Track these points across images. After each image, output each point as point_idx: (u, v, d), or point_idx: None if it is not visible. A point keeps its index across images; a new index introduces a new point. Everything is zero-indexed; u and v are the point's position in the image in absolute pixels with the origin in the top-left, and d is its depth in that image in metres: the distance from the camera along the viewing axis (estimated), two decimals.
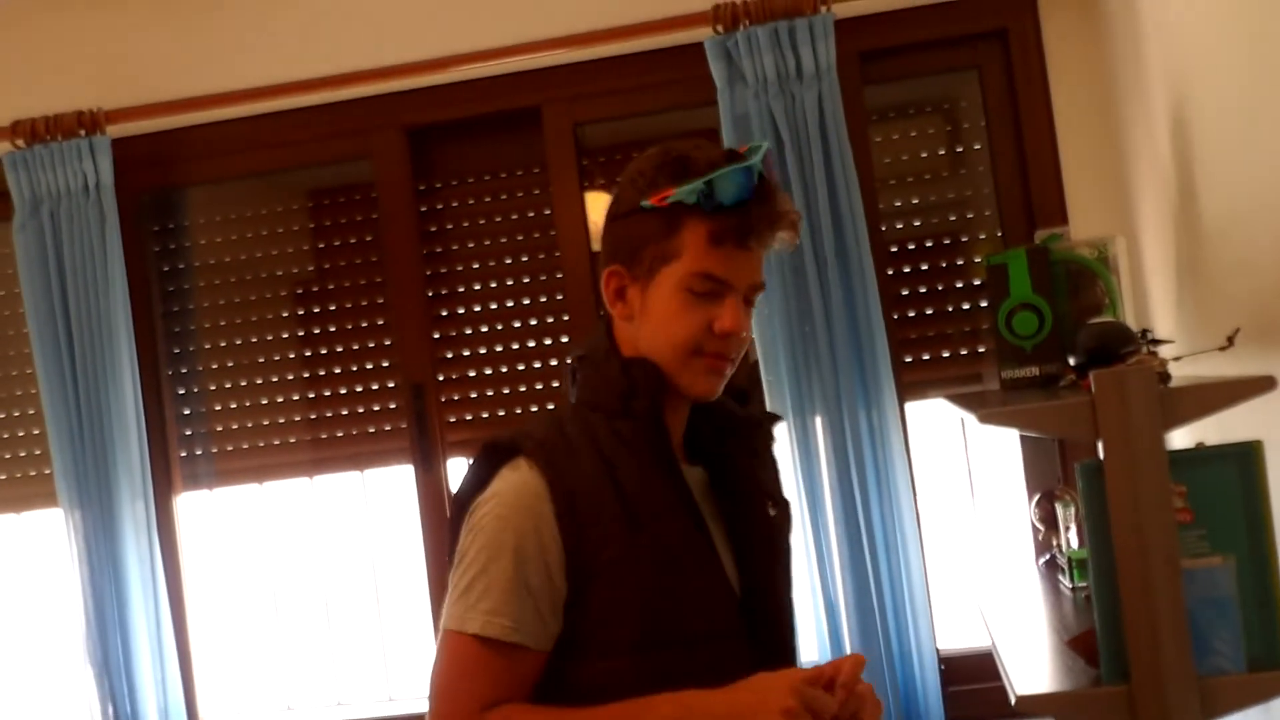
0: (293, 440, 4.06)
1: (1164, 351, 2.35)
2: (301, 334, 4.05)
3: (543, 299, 3.91)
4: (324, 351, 4.03)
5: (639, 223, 1.90)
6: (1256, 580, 1.87)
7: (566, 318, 3.86)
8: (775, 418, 2.12)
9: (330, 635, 4.17)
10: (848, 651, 3.54)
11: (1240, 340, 2.70)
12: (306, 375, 4.04)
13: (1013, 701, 1.90)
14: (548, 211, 3.90)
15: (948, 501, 3.84)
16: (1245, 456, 1.88)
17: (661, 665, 1.81)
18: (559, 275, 3.88)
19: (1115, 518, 1.85)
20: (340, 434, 4.02)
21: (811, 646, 3.58)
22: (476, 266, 3.96)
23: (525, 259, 3.93)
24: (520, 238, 3.94)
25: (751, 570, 1.94)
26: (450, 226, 3.98)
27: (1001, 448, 3.72)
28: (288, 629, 4.18)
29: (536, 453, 1.86)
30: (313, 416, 4.04)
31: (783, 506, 2.04)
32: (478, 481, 1.89)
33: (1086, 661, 1.98)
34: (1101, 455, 1.84)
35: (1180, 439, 2.73)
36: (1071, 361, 2.42)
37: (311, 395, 4.04)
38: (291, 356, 4.06)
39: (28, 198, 3.88)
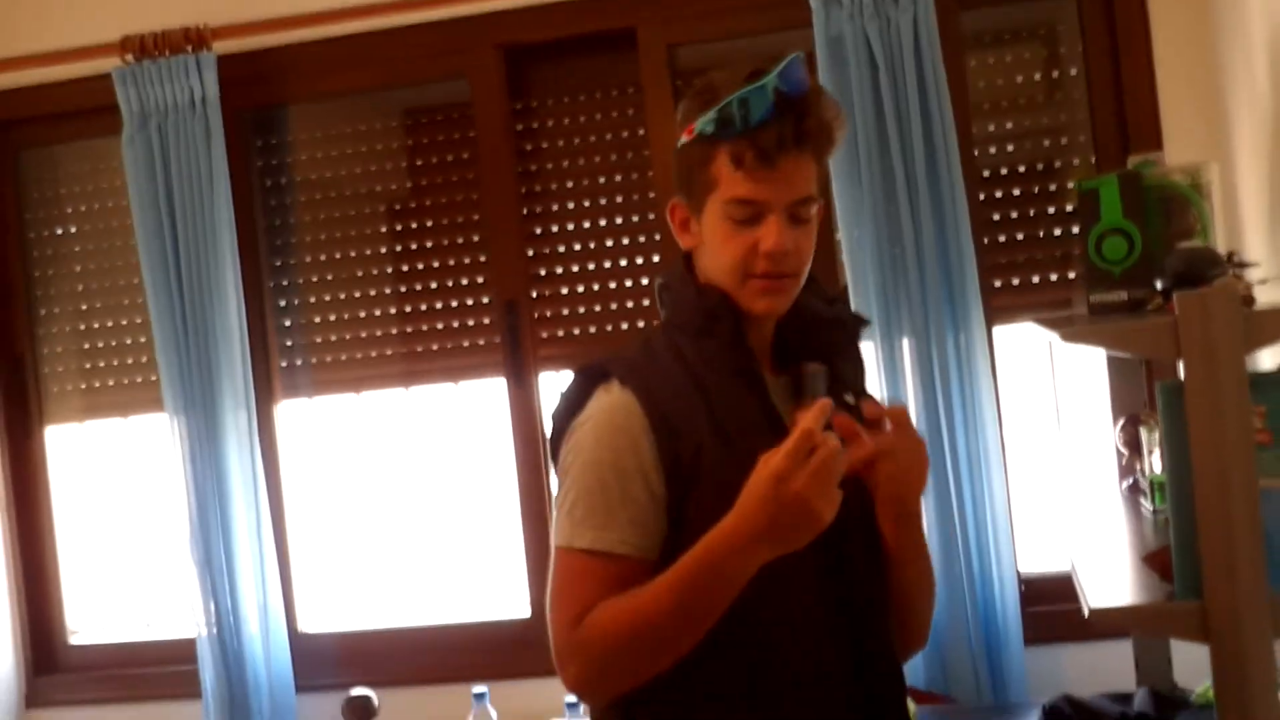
0: (389, 352, 4.16)
1: (1252, 275, 2.36)
2: (399, 249, 4.14)
3: (635, 219, 3.96)
4: (420, 267, 4.12)
5: (685, 155, 1.96)
6: None
7: (658, 237, 3.91)
8: (860, 318, 2.14)
9: (422, 544, 4.28)
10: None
11: None
12: (404, 290, 4.14)
13: (1086, 613, 1.95)
14: (641, 132, 3.94)
15: (1034, 426, 3.86)
16: None
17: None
18: (651, 195, 3.92)
19: (1194, 436, 1.88)
20: (435, 347, 4.12)
21: None
22: (570, 185, 4.02)
23: (619, 179, 3.98)
24: (614, 158, 3.98)
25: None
26: (545, 145, 4.04)
27: (1088, 372, 3.72)
28: (381, 537, 4.31)
29: (627, 374, 1.93)
30: (409, 330, 4.14)
31: (867, 400, 2.06)
32: (573, 404, 1.96)
33: (1161, 577, 2.02)
34: (1182, 376, 1.87)
35: (1268, 362, 2.74)
36: (1159, 285, 2.43)
37: (408, 309, 4.13)
38: (389, 271, 4.15)
39: (136, 112, 3.99)
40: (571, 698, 3.38)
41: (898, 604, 2.02)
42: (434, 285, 4.12)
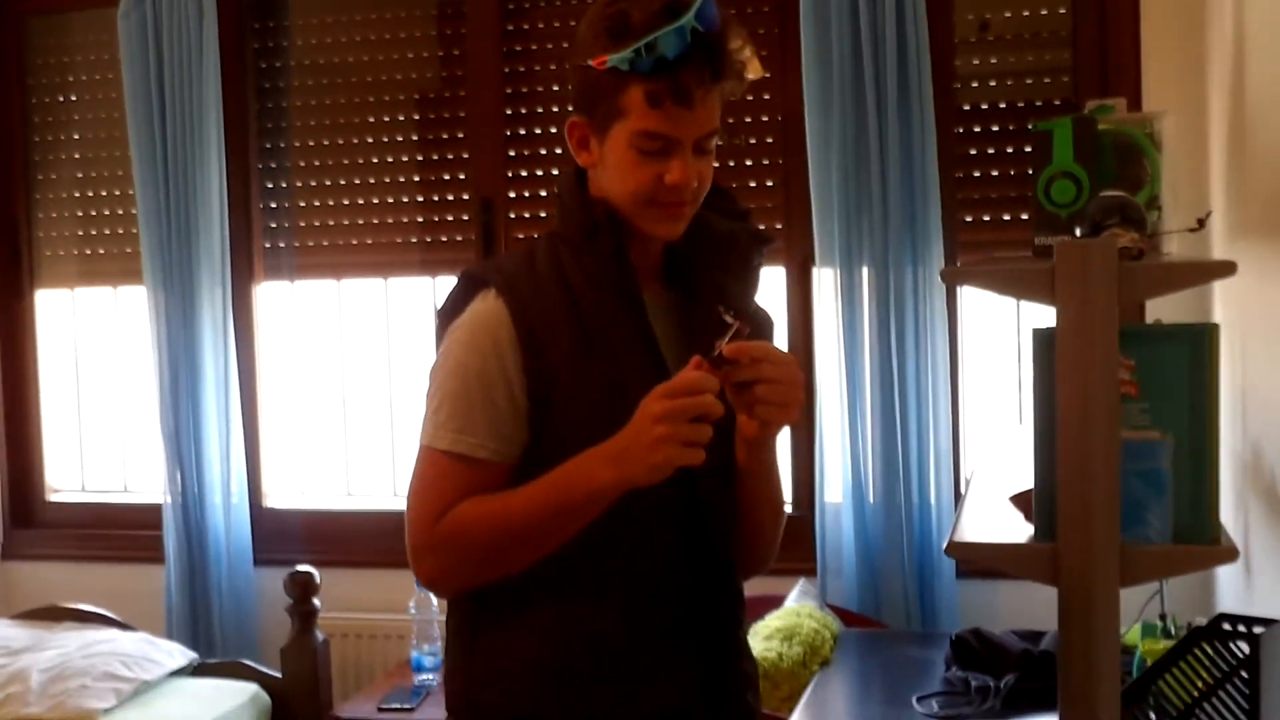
0: (369, 241, 4.21)
1: (1167, 227, 2.37)
2: (385, 140, 4.17)
3: None
4: (404, 159, 4.16)
5: (591, 79, 1.93)
6: (1194, 460, 1.91)
7: None
8: (759, 237, 2.15)
9: (385, 431, 4.36)
10: (870, 498, 3.65)
11: (1260, 226, 2.69)
12: (386, 180, 4.18)
13: (943, 547, 1.99)
14: None
15: (993, 363, 3.88)
16: (1199, 337, 1.91)
17: None
18: None
19: (1061, 382, 1.90)
20: (414, 240, 4.17)
21: (836, 491, 3.69)
22: (556, 89, 4.03)
23: None
24: None
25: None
26: (534, 47, 4.05)
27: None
28: (348, 421, 4.39)
29: (502, 283, 1.95)
30: (389, 221, 4.18)
31: (750, 317, 2.06)
32: (452, 308, 1.99)
33: (1025, 518, 2.05)
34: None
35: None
36: (1077, 232, 2.45)
37: (390, 200, 4.18)
38: (374, 161, 4.19)
39: None
40: None
41: (743, 519, 2.06)
42: (417, 178, 4.16)
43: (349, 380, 4.39)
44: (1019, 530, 2.06)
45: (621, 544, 1.94)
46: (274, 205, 4.29)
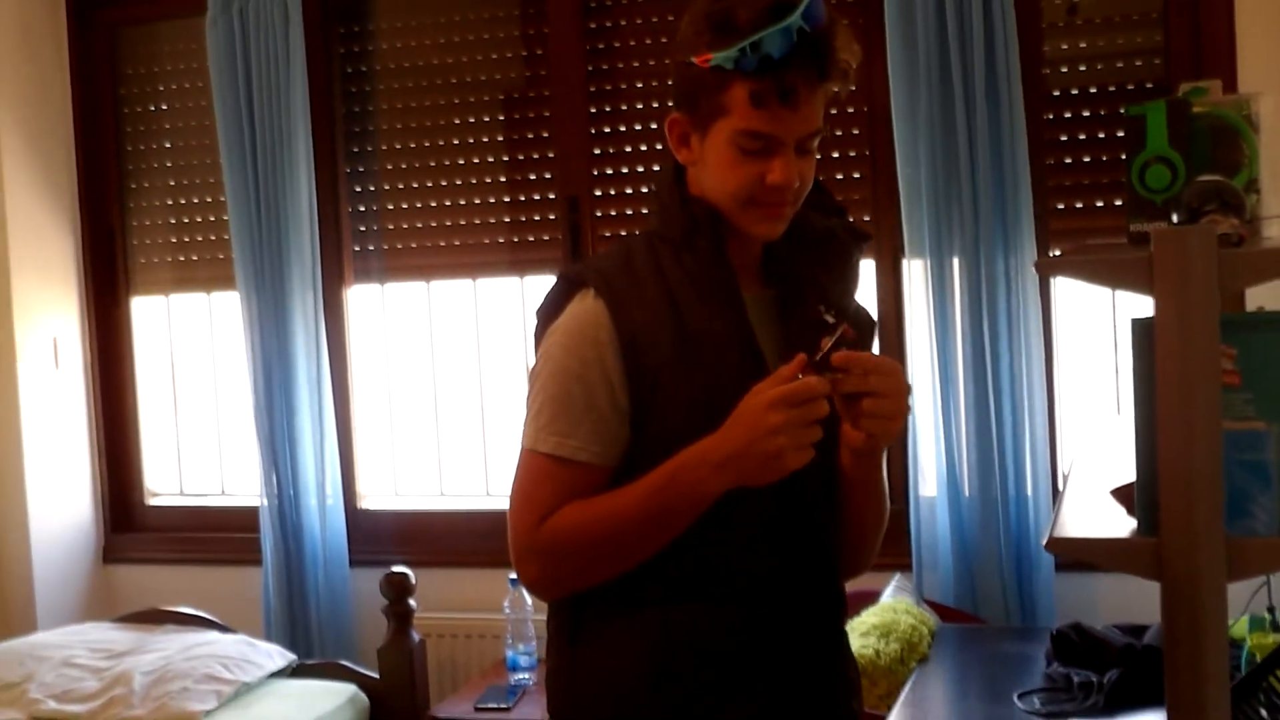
0: (457, 243, 4.23)
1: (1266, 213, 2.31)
2: (471, 141, 4.19)
3: None
4: (490, 160, 4.17)
5: (694, 76, 1.91)
6: None
7: None
8: (857, 234, 2.12)
9: (478, 431, 4.37)
10: (965, 491, 3.61)
11: None
12: (474, 181, 4.19)
13: (1043, 543, 1.95)
14: None
15: (1091, 351, 3.82)
16: None
17: None
18: None
19: (1160, 373, 1.86)
20: (501, 240, 4.18)
21: (930, 484, 3.65)
22: (640, 86, 4.03)
23: None
24: None
25: None
26: (617, 45, 4.05)
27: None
28: (442, 421, 4.41)
29: (601, 284, 1.94)
30: (476, 222, 4.20)
31: (851, 316, 2.05)
32: (551, 310, 1.98)
33: (1126, 511, 2.01)
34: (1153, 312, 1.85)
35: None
36: (1174, 219, 2.40)
37: (477, 201, 4.20)
38: (460, 163, 4.21)
39: None
40: None
41: (848, 523, 2.05)
42: (502, 179, 4.17)
43: (440, 380, 4.42)
44: (1121, 524, 2.01)
45: (726, 546, 1.93)
46: (362, 209, 4.32)
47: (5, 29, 4.29)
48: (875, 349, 2.17)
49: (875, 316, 2.20)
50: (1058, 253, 3.62)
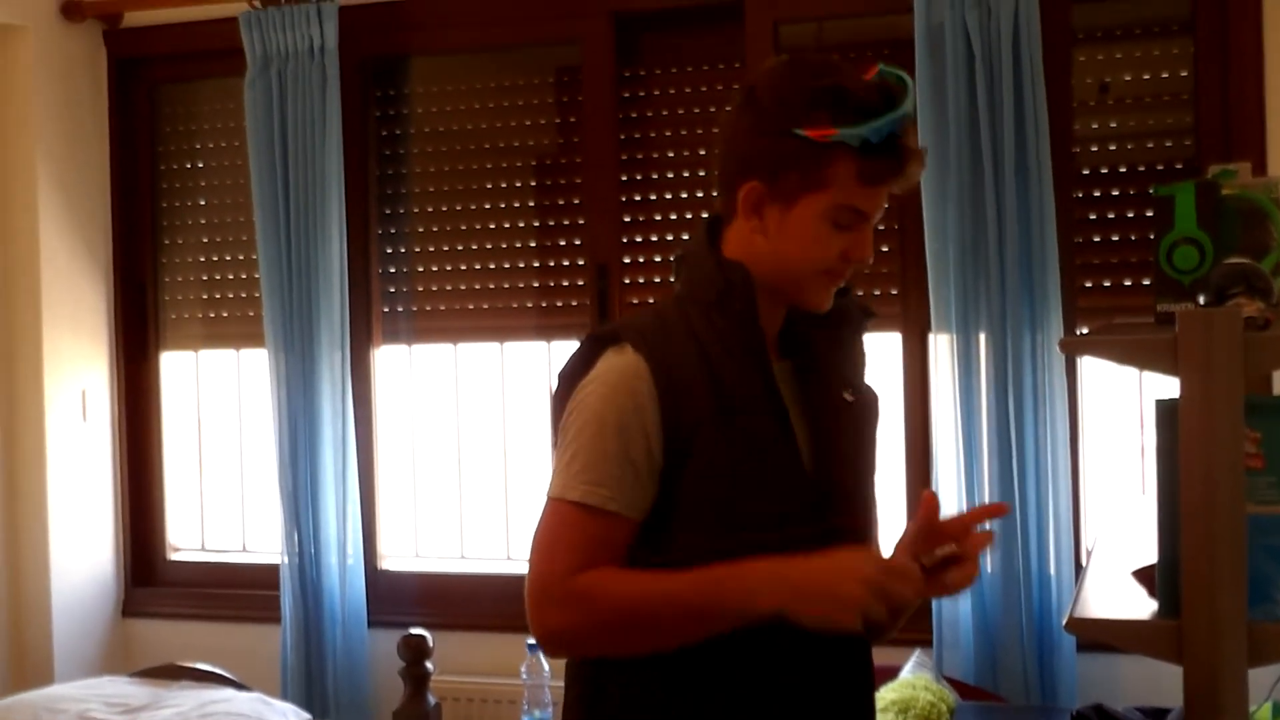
0: (485, 306, 4.26)
1: None
2: (503, 206, 4.23)
3: None
4: (521, 225, 4.21)
5: (786, 145, 1.91)
6: None
7: None
8: (866, 310, 2.15)
9: (501, 495, 4.38)
10: (988, 568, 3.58)
11: None
12: (504, 246, 4.22)
13: (1063, 623, 1.94)
14: None
15: (1117, 430, 3.81)
16: None
17: (736, 544, 1.90)
18: None
19: (1184, 455, 1.86)
20: (530, 305, 4.21)
21: None
22: (671, 155, 4.06)
23: (718, 151, 3.99)
24: (715, 130, 4.00)
25: (826, 457, 2.01)
26: (649, 114, 4.09)
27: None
28: (465, 484, 4.42)
29: (638, 339, 1.94)
30: (505, 286, 4.23)
31: (863, 395, 2.09)
32: (580, 365, 1.98)
33: (1149, 594, 2.00)
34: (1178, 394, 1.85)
35: None
36: (1201, 300, 2.40)
37: (506, 265, 4.22)
38: (491, 227, 4.24)
39: (259, 56, 4.15)
40: None
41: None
42: (532, 244, 4.20)
43: (465, 444, 4.42)
44: (1142, 606, 2.00)
45: (757, 642, 1.92)
46: (393, 270, 4.36)
47: (48, 84, 4.36)
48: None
49: (897, 387, 2.23)
50: (1084, 331, 3.61)
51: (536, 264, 4.21)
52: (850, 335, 2.11)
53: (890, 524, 2.15)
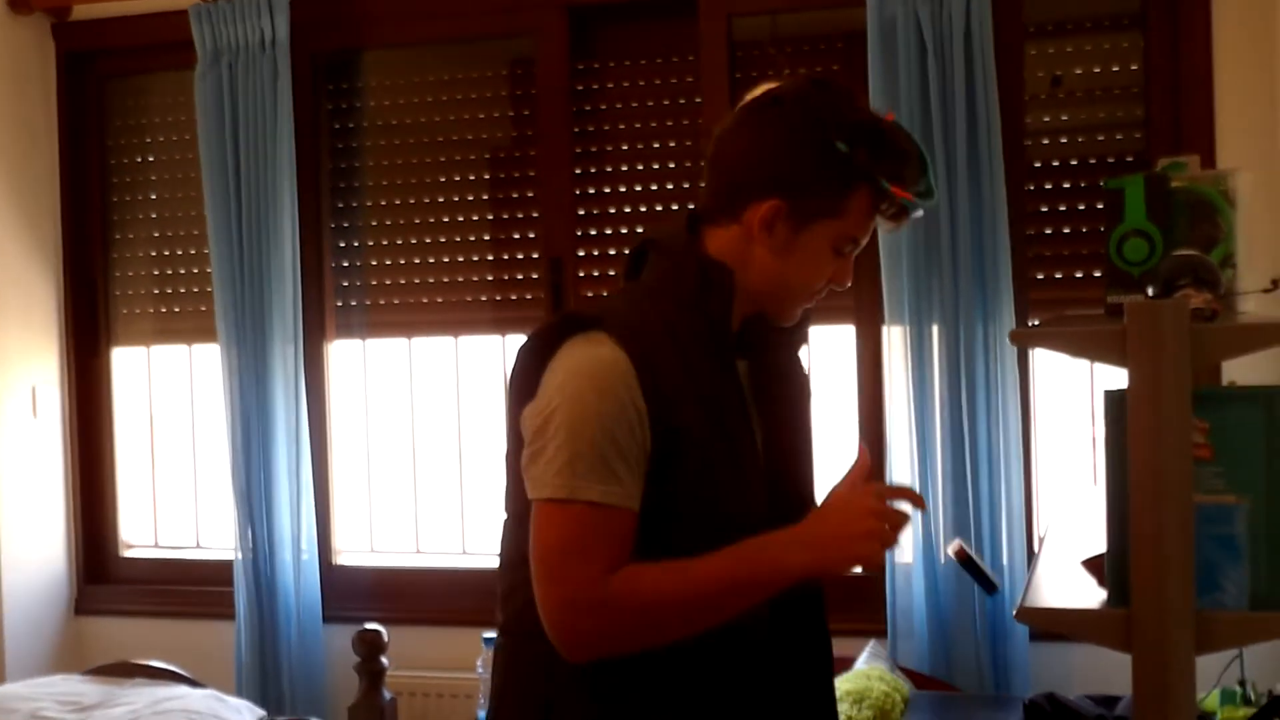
0: (439, 300, 4.25)
1: (1242, 288, 2.33)
2: (456, 199, 4.22)
3: (685, 185, 3.99)
4: (475, 218, 4.19)
5: (816, 168, 1.92)
6: (1271, 524, 1.87)
7: None
8: (807, 317, 2.16)
9: (455, 489, 4.37)
10: (941, 559, 3.60)
11: None
12: (457, 239, 4.21)
13: (1013, 613, 1.95)
14: (697, 99, 3.96)
15: (1068, 421, 3.83)
16: (1274, 399, 1.87)
17: (704, 540, 1.89)
18: (702, 163, 3.94)
19: (1133, 445, 1.87)
20: (484, 298, 4.20)
21: (906, 551, 3.65)
22: (625, 148, 4.06)
23: (671, 144, 4.01)
24: (669, 123, 4.02)
25: (777, 452, 2.03)
26: (603, 107, 4.08)
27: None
28: (418, 478, 4.40)
29: (622, 332, 1.88)
30: (460, 280, 4.21)
31: (801, 380, 2.15)
32: (551, 344, 1.91)
33: (1098, 583, 2.02)
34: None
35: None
36: (1149, 291, 2.42)
37: (460, 259, 4.21)
38: (445, 221, 4.22)
39: (209, 49, 4.12)
40: None
41: None
42: (486, 237, 4.19)
43: (419, 438, 4.41)
44: (1092, 595, 2.02)
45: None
46: (346, 264, 4.34)
47: None
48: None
49: (855, 382, 2.25)
50: (1036, 323, 3.64)
51: (491, 257, 4.19)
52: (797, 341, 2.14)
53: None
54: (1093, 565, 2.05)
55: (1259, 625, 1.86)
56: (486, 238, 4.20)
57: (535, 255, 4.13)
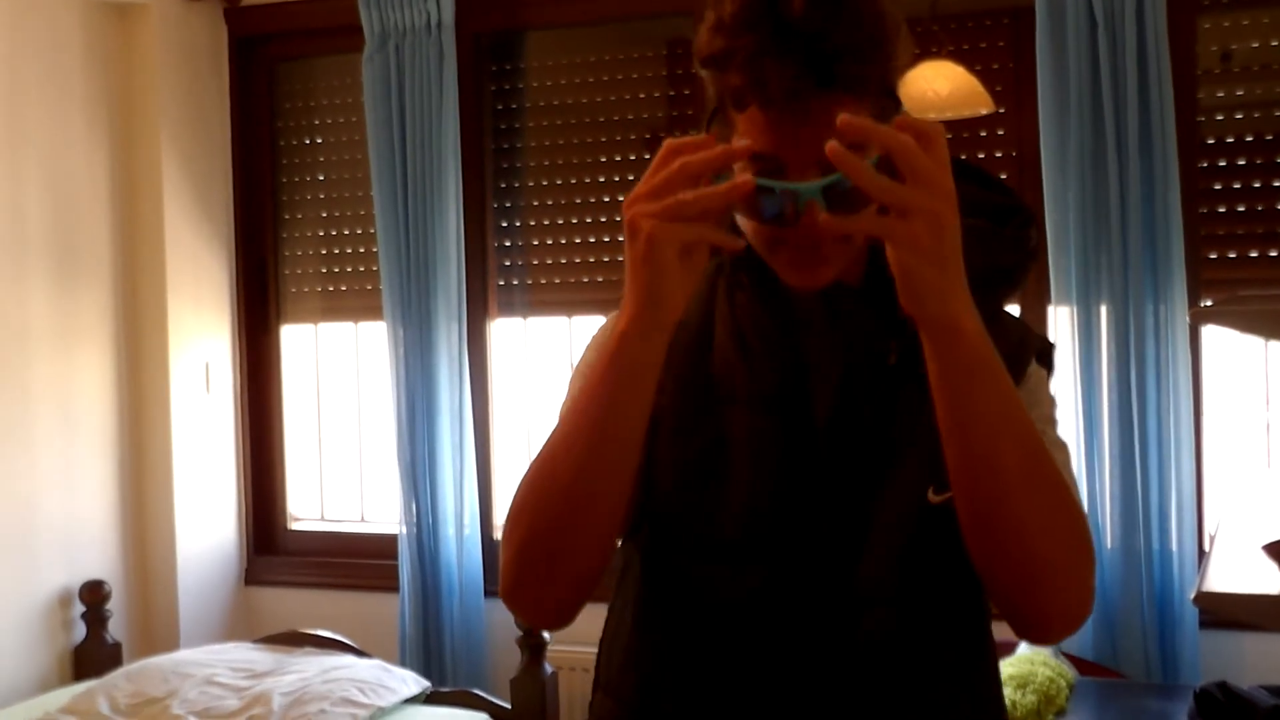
0: (600, 280, 4.28)
1: None
2: (616, 179, 4.24)
3: None
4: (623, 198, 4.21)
5: None
6: None
7: None
8: None
9: None
10: (1108, 543, 3.53)
11: None
12: (617, 219, 4.24)
13: (1190, 597, 1.91)
14: None
15: (1241, 403, 3.73)
16: None
17: None
18: None
19: None
20: None
21: None
22: None
23: None
24: None
25: None
26: None
27: None
28: None
29: None
30: (619, 259, 4.23)
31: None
32: None
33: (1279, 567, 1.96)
34: None
35: None
36: None
37: (620, 239, 4.23)
38: (605, 200, 4.26)
39: (376, 32, 4.20)
40: None
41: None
42: None
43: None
44: (1273, 581, 1.97)
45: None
46: (508, 244, 4.39)
47: (170, 62, 4.44)
48: None
49: None
50: (1209, 302, 3.55)
51: None
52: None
53: None
54: (1275, 550, 2.00)
55: None
56: None
57: None
